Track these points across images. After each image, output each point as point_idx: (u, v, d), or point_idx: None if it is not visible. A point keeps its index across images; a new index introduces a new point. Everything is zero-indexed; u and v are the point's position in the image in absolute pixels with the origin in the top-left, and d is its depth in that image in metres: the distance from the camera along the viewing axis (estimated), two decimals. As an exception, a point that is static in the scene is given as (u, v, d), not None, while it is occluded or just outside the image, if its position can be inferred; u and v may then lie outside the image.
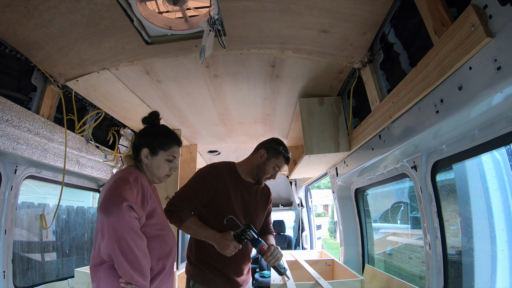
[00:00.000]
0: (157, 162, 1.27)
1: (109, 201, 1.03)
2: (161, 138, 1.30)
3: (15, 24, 1.27)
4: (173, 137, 1.34)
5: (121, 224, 1.00)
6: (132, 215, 1.03)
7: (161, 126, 1.38)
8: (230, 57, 1.60)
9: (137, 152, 1.29)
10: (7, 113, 1.39)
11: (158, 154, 1.27)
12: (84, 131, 2.01)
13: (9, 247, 1.64)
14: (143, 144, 1.28)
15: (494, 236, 1.29)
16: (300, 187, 4.13)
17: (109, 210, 1.01)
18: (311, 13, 1.27)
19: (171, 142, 1.31)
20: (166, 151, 1.29)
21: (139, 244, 1.04)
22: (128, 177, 1.14)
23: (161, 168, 1.28)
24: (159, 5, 1.40)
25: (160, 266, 1.17)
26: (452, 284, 1.35)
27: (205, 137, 2.97)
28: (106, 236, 1.00)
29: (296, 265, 2.30)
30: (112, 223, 1.00)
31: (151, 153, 1.27)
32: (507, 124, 0.94)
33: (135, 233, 1.03)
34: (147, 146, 1.27)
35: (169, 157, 1.29)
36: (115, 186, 1.09)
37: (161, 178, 1.31)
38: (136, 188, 1.13)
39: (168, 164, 1.30)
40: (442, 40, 0.93)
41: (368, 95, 1.60)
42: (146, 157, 1.26)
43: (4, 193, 1.61)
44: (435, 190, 1.37)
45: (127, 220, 1.01)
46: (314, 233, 4.15)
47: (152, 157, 1.27)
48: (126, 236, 1.00)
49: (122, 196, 1.04)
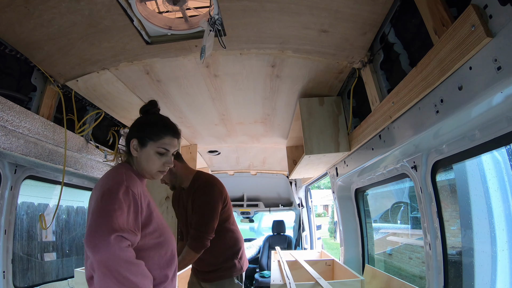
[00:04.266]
0: (146, 154, 1.13)
1: (95, 234, 0.90)
2: (151, 128, 1.15)
3: (15, 24, 1.27)
4: (165, 125, 1.18)
5: (111, 260, 0.88)
6: (124, 245, 0.91)
7: (154, 115, 1.24)
8: (230, 57, 1.59)
9: (128, 144, 1.17)
10: (7, 113, 1.39)
11: (147, 145, 1.13)
12: (84, 131, 2.01)
13: (9, 247, 1.64)
14: (133, 134, 1.16)
15: (494, 236, 1.29)
16: (300, 187, 4.13)
17: (96, 247, 0.88)
18: (311, 13, 1.27)
19: (161, 132, 1.15)
20: (156, 141, 1.13)
21: (135, 271, 0.93)
22: (118, 190, 0.99)
23: (151, 162, 1.13)
24: (159, 5, 1.40)
25: (162, 275, 1.08)
26: (452, 284, 1.35)
27: (205, 137, 2.97)
28: (98, 274, 0.90)
29: (296, 265, 2.30)
30: (101, 260, 0.88)
31: (140, 144, 1.13)
32: (507, 124, 0.94)
33: (130, 263, 0.92)
34: (135, 137, 1.14)
35: (159, 149, 1.13)
36: (101, 207, 0.95)
37: (152, 173, 1.16)
38: (127, 201, 0.99)
39: (159, 158, 1.14)
40: (442, 40, 0.93)
41: (368, 95, 1.60)
42: (136, 149, 1.14)
43: (4, 193, 1.61)
44: (435, 190, 1.37)
45: (118, 254, 0.89)
46: (314, 233, 4.15)
47: (141, 149, 1.13)
48: (120, 269, 0.89)
49: (109, 225, 0.91)
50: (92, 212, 0.95)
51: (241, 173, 4.19)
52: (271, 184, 4.49)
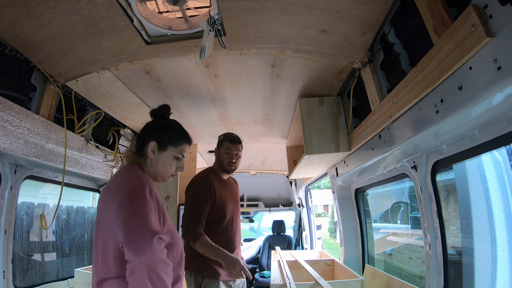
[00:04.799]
0: (164, 158, 1.16)
1: (138, 238, 0.92)
2: (172, 133, 1.19)
3: (15, 24, 1.27)
4: (185, 133, 1.24)
5: (154, 262, 0.92)
6: (163, 247, 0.95)
7: (172, 120, 1.28)
8: (230, 57, 1.59)
9: (142, 145, 1.17)
10: (7, 113, 1.39)
11: (167, 150, 1.16)
12: (84, 131, 2.01)
13: (9, 247, 1.64)
14: (152, 136, 1.16)
15: (494, 236, 1.29)
16: (300, 187, 4.13)
17: (140, 250, 0.90)
18: (311, 13, 1.27)
19: (182, 138, 1.20)
20: (176, 147, 1.18)
21: (168, 272, 0.97)
22: (144, 193, 1.01)
23: (168, 166, 1.17)
24: (159, 5, 1.41)
25: (175, 276, 1.09)
26: (452, 284, 1.35)
27: (205, 137, 2.97)
28: (137, 274, 0.91)
29: (296, 265, 2.30)
30: (145, 262, 0.90)
31: (159, 148, 1.16)
32: (507, 124, 0.93)
33: (166, 263, 0.96)
34: (155, 140, 1.15)
35: (178, 154, 1.18)
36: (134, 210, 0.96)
37: (165, 177, 1.20)
38: (153, 203, 1.02)
39: (175, 162, 1.19)
40: (442, 40, 0.93)
41: (368, 95, 1.60)
42: (153, 151, 1.15)
43: (4, 193, 1.61)
44: (435, 190, 1.37)
45: (160, 255, 0.93)
46: (314, 233, 4.15)
47: (159, 152, 1.16)
48: (158, 270, 0.93)
49: (149, 228, 0.93)
50: (125, 216, 0.95)
51: (241, 173, 4.19)
52: (271, 184, 4.48)
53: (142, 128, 1.25)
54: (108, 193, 1.06)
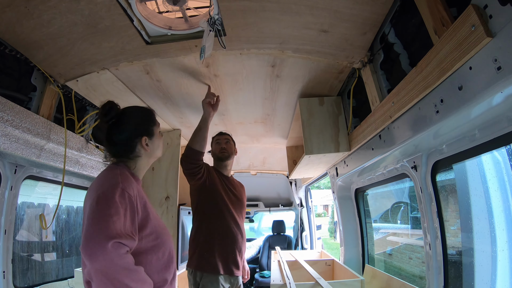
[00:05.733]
0: (156, 141, 1.17)
1: (92, 242, 0.86)
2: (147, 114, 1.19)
3: (15, 24, 1.27)
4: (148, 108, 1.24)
5: (110, 268, 0.85)
6: (122, 252, 0.88)
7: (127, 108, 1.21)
8: (230, 57, 1.59)
9: (131, 148, 1.13)
10: (7, 113, 1.39)
11: (154, 133, 1.17)
12: (84, 131, 2.01)
13: (9, 247, 1.64)
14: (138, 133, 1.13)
15: (494, 236, 1.29)
16: (300, 187, 4.13)
17: (93, 255, 0.84)
18: (311, 13, 1.27)
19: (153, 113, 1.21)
20: (157, 124, 1.19)
21: (135, 278, 0.91)
22: (114, 193, 0.96)
23: (159, 145, 1.19)
24: (159, 5, 1.41)
25: (161, 279, 1.05)
26: (452, 284, 1.35)
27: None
28: (96, 282, 0.87)
29: (296, 265, 2.30)
30: (99, 268, 0.85)
31: (150, 137, 1.15)
32: (507, 124, 0.94)
33: (128, 270, 0.89)
34: (143, 133, 1.14)
35: (159, 128, 1.21)
36: (97, 212, 0.91)
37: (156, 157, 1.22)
38: (124, 204, 0.96)
39: (160, 136, 1.20)
40: (442, 40, 0.93)
41: (368, 95, 1.60)
42: (147, 144, 1.14)
43: (4, 193, 1.61)
44: (435, 190, 1.37)
45: (116, 261, 0.86)
46: (314, 233, 4.15)
47: (150, 140, 1.16)
48: (119, 277, 0.87)
49: (106, 232, 0.87)
50: (88, 217, 0.92)
51: (241, 173, 4.19)
52: (271, 184, 4.48)
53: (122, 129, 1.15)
54: (88, 192, 1.04)
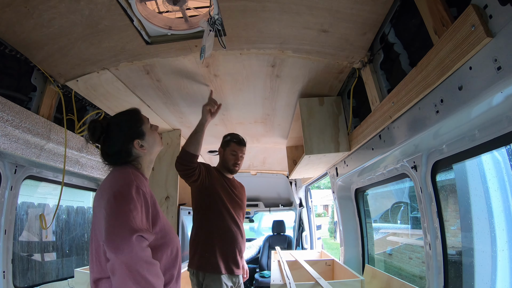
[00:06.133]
0: (150, 138, 1.17)
1: (117, 236, 0.90)
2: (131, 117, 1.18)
3: (15, 24, 1.27)
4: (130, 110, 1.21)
5: (133, 260, 0.89)
6: (144, 245, 0.92)
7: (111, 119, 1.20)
8: (230, 57, 1.59)
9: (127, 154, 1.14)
10: (7, 113, 1.39)
11: (144, 133, 1.16)
12: (84, 131, 2.01)
13: (9, 247, 1.64)
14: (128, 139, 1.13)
15: (494, 236, 1.29)
16: (300, 187, 4.13)
17: (118, 248, 0.88)
18: (311, 13, 1.27)
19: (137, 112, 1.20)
20: (145, 121, 1.18)
21: (153, 271, 0.93)
22: (130, 191, 0.99)
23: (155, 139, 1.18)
24: (159, 5, 1.41)
25: (168, 276, 1.07)
26: (452, 284, 1.35)
27: (205, 137, 2.95)
28: (118, 273, 0.89)
29: (296, 265, 2.30)
30: (124, 261, 0.88)
31: (141, 138, 1.15)
32: (507, 124, 0.93)
33: (148, 263, 0.92)
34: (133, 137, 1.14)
35: (149, 123, 1.19)
36: (117, 208, 0.95)
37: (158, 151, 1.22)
38: (140, 201, 1.00)
39: (154, 130, 1.20)
40: (442, 40, 0.93)
41: (368, 95, 1.60)
42: (141, 146, 1.14)
43: (4, 193, 1.61)
44: (435, 190, 1.37)
45: (140, 254, 0.90)
46: (314, 233, 4.15)
47: (143, 140, 1.15)
48: (140, 269, 0.89)
49: (129, 226, 0.91)
50: (108, 214, 0.94)
51: (241, 173, 4.19)
52: (271, 184, 4.48)
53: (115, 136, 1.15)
54: (99, 192, 1.06)
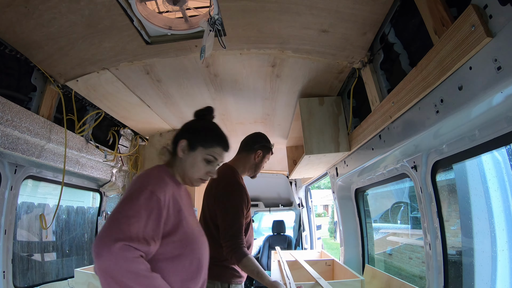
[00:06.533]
0: (192, 159, 1.08)
1: (100, 240, 0.83)
2: (204, 133, 1.13)
3: (15, 24, 1.27)
4: (219, 135, 1.15)
5: (116, 270, 0.81)
6: (130, 256, 0.83)
7: (211, 122, 1.20)
8: (230, 57, 1.59)
9: (175, 144, 1.11)
10: (7, 113, 1.39)
11: (196, 150, 1.09)
12: (84, 131, 2.01)
13: (9, 247, 1.64)
14: (184, 135, 1.11)
15: (494, 236, 1.29)
16: (300, 187, 4.13)
17: (98, 253, 0.81)
18: (311, 13, 1.27)
19: (214, 140, 1.11)
20: (206, 148, 1.09)
21: (145, 283, 0.85)
22: (140, 195, 0.92)
23: (196, 168, 1.09)
24: (159, 5, 1.41)
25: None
26: (452, 284, 1.35)
27: (205, 137, 2.96)
28: (101, 281, 0.84)
29: (296, 265, 2.30)
30: (103, 268, 0.81)
31: (189, 147, 1.09)
32: (507, 124, 0.93)
33: (136, 274, 0.84)
34: (186, 138, 1.09)
35: (208, 157, 1.09)
36: (117, 212, 0.89)
37: (193, 180, 1.11)
38: (148, 207, 0.91)
39: (204, 165, 1.09)
40: (442, 40, 0.93)
41: (368, 95, 1.60)
42: (183, 150, 1.09)
43: (4, 193, 1.61)
44: (435, 190, 1.37)
45: (122, 264, 0.82)
46: (314, 233, 4.15)
47: (189, 152, 1.09)
48: (126, 280, 0.82)
49: (117, 232, 0.84)
50: (109, 215, 0.90)
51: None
52: (271, 184, 4.48)
53: (180, 128, 1.20)
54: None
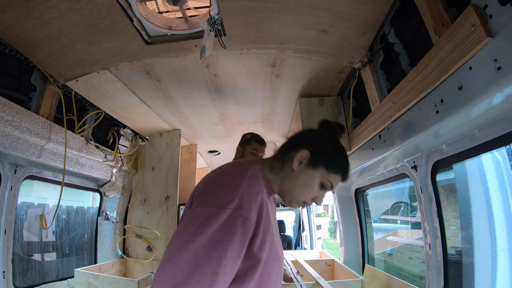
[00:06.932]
0: (309, 177, 0.90)
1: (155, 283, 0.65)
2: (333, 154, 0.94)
3: (15, 24, 1.27)
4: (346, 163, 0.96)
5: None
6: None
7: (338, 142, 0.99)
8: (230, 57, 1.59)
9: (291, 149, 0.93)
10: (7, 113, 1.39)
11: (317, 168, 0.89)
12: (84, 131, 2.01)
13: (9, 247, 1.64)
14: (308, 145, 0.92)
15: (494, 236, 1.29)
16: (300, 187, 4.13)
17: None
18: (311, 13, 1.27)
19: (340, 167, 0.93)
20: (329, 172, 0.90)
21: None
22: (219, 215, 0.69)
23: (308, 189, 0.90)
24: (159, 5, 1.41)
25: None
26: (452, 284, 1.35)
27: (205, 137, 2.97)
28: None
29: (296, 265, 2.30)
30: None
31: (310, 162, 0.90)
32: (507, 124, 0.93)
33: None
34: (311, 150, 0.90)
35: (326, 181, 0.91)
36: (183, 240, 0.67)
37: (295, 200, 0.92)
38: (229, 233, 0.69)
39: (318, 190, 0.91)
40: (442, 40, 0.93)
41: (368, 95, 1.60)
42: (300, 162, 0.90)
43: (4, 193, 1.61)
44: (435, 190, 1.37)
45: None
46: (314, 233, 4.16)
47: (307, 167, 0.90)
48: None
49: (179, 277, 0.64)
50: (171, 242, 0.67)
51: None
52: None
53: (301, 132, 1.02)
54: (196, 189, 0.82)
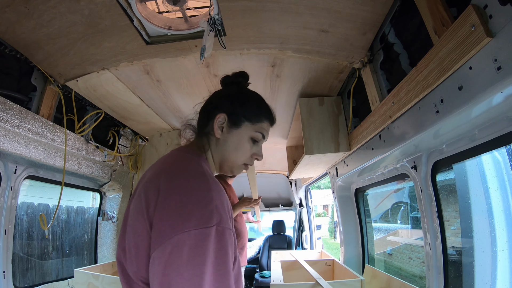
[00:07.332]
0: (237, 138, 0.82)
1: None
2: (250, 104, 0.86)
3: (15, 24, 1.27)
4: (266, 106, 0.89)
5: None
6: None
7: (251, 90, 0.92)
8: (230, 57, 1.59)
9: (207, 120, 0.85)
10: (7, 113, 1.39)
11: (241, 126, 0.82)
12: (84, 131, 2.01)
13: (9, 247, 1.64)
14: (221, 107, 0.83)
15: (494, 236, 1.29)
16: (300, 187, 4.13)
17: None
18: (311, 13, 1.27)
19: (262, 113, 0.86)
20: (254, 124, 0.83)
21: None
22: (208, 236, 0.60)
23: (241, 150, 0.83)
24: (159, 5, 1.41)
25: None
26: (452, 284, 1.35)
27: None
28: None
29: (296, 265, 2.30)
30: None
31: (231, 123, 0.82)
32: (507, 124, 0.93)
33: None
34: (225, 112, 0.82)
35: (256, 134, 0.84)
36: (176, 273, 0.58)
37: (235, 166, 0.85)
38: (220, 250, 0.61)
39: (250, 146, 0.84)
40: (442, 40, 0.93)
41: (368, 95, 1.60)
42: (221, 127, 0.82)
43: (4, 193, 1.61)
44: (435, 190, 1.37)
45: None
46: (314, 233, 4.15)
47: (230, 129, 0.82)
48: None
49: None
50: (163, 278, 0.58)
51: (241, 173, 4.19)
52: (271, 184, 4.48)
53: (209, 97, 0.91)
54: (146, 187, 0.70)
